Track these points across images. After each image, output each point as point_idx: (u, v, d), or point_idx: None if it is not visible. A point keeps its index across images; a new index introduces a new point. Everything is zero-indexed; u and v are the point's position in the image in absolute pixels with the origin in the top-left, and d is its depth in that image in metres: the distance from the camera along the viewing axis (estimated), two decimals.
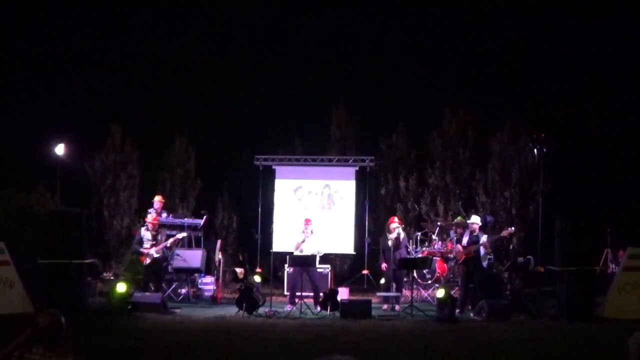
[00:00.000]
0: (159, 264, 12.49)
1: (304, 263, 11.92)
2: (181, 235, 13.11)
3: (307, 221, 12.63)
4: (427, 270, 13.39)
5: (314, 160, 15.46)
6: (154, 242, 12.30)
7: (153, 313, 10.83)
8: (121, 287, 11.04)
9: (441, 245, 13.81)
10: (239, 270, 14.11)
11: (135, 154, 16.84)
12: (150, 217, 12.74)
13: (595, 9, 16.61)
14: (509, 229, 12.27)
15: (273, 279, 13.14)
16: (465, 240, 11.96)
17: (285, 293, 13.25)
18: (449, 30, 17.94)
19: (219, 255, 13.69)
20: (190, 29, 18.39)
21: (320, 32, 18.09)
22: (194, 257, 13.39)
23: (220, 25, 18.15)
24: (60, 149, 14.27)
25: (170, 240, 12.64)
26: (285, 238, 14.52)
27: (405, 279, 13.02)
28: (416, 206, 16.36)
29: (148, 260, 12.23)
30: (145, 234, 12.39)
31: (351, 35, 18.26)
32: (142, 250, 12.27)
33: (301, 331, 9.52)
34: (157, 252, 12.27)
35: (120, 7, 17.70)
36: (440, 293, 10.79)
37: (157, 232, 12.50)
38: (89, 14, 17.79)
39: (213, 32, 18.07)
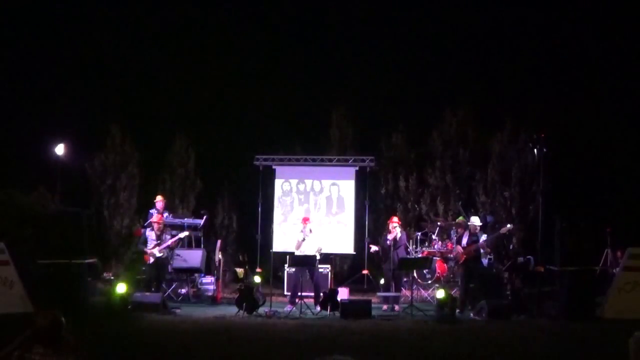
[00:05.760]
0: (162, 264, 12.50)
1: (304, 263, 11.93)
2: (183, 234, 13.11)
3: (306, 220, 12.63)
4: (427, 270, 13.39)
5: (314, 160, 15.47)
6: (157, 242, 12.32)
7: (153, 313, 10.83)
8: (121, 288, 11.04)
9: (441, 245, 13.82)
10: (239, 270, 14.11)
11: (135, 154, 16.84)
12: (156, 217, 12.76)
13: (595, 8, 16.60)
14: (508, 225, 12.27)
15: (273, 279, 13.14)
16: (465, 240, 11.96)
17: (286, 293, 13.26)
18: (449, 30, 17.92)
19: (219, 255, 13.69)
20: (190, 29, 18.37)
21: (321, 32, 18.07)
22: (194, 257, 13.39)
23: (220, 25, 18.13)
24: (60, 149, 14.27)
25: (173, 239, 12.66)
26: (285, 238, 14.53)
27: (405, 279, 13.04)
28: (416, 206, 16.36)
29: (151, 260, 12.25)
30: (150, 234, 12.42)
31: (351, 35, 18.25)
32: (145, 249, 12.29)
33: (301, 331, 9.52)
34: (160, 251, 12.29)
35: (120, 7, 17.70)
36: (440, 294, 10.81)
37: (162, 232, 12.52)
38: (89, 14, 17.78)
39: (213, 31, 18.05)
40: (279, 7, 18.24)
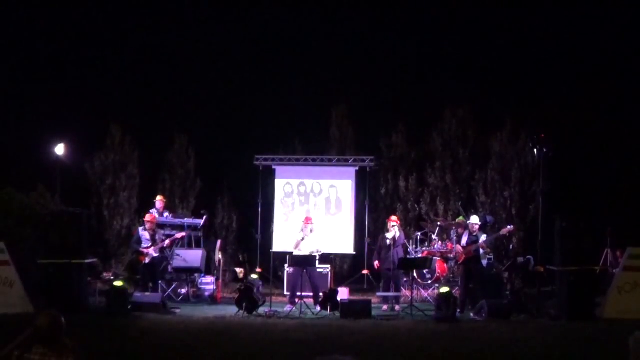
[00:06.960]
0: (158, 264, 12.50)
1: (304, 263, 11.92)
2: (180, 235, 13.10)
3: (308, 220, 12.63)
4: (427, 270, 13.39)
5: (314, 160, 15.47)
6: (152, 243, 12.30)
7: (153, 313, 10.84)
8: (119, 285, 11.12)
9: (441, 245, 13.81)
10: (239, 270, 14.11)
11: (135, 154, 16.84)
12: (149, 216, 12.75)
13: (594, 8, 16.60)
14: (508, 227, 12.27)
15: (273, 279, 13.14)
16: (464, 240, 11.96)
17: (285, 293, 13.25)
18: (448, 30, 17.92)
19: (219, 255, 13.69)
20: (190, 29, 18.37)
21: (320, 32, 18.06)
22: (194, 257, 13.39)
23: (220, 25, 18.14)
24: (60, 149, 14.26)
25: (168, 240, 12.65)
26: (285, 238, 14.53)
27: (405, 279, 13.04)
28: (416, 206, 16.35)
29: (147, 260, 12.24)
30: (144, 234, 12.41)
31: (351, 35, 18.25)
32: (141, 249, 12.28)
33: (301, 331, 9.52)
34: (155, 251, 12.28)
35: (120, 6, 17.70)
36: (444, 289, 10.90)
37: (155, 231, 12.50)
38: (88, 13, 17.77)
39: (213, 31, 18.05)
40: (279, 7, 18.23)
